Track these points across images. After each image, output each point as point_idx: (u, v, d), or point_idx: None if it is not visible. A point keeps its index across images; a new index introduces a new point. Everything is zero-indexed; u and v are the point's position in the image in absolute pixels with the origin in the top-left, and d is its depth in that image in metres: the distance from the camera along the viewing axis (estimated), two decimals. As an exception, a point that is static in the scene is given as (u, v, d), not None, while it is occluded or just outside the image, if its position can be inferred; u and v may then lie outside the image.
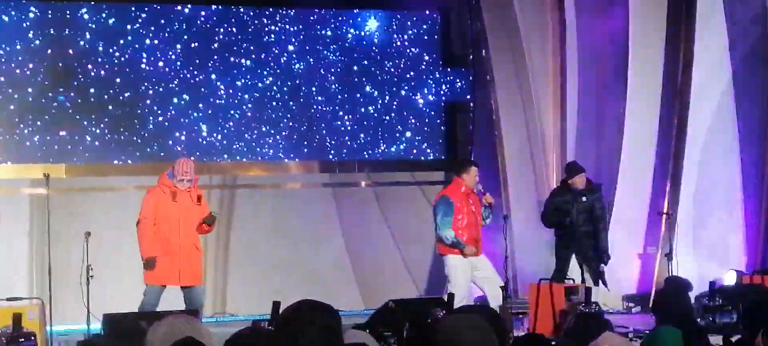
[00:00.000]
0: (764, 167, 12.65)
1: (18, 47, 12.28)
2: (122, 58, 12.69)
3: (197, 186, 10.52)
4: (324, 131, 13.57)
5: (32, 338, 7.74)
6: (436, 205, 11.00)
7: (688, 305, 6.86)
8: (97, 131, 12.61)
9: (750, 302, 6.08)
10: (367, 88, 13.73)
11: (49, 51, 12.40)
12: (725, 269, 12.27)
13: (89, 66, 12.57)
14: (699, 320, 9.87)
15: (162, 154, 12.68)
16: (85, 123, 12.56)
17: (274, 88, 13.35)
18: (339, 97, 13.62)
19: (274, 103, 13.35)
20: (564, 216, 11.42)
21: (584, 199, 11.40)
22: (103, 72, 12.63)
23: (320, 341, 4.72)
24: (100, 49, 12.61)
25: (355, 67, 13.68)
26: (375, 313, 9.06)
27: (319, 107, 13.53)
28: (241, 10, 13.21)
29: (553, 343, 3.47)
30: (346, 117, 13.64)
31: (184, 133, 12.92)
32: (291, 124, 13.42)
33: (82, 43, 12.53)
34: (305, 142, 13.52)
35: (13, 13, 12.28)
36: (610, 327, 6.88)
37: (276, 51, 13.34)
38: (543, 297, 10.13)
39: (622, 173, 12.67)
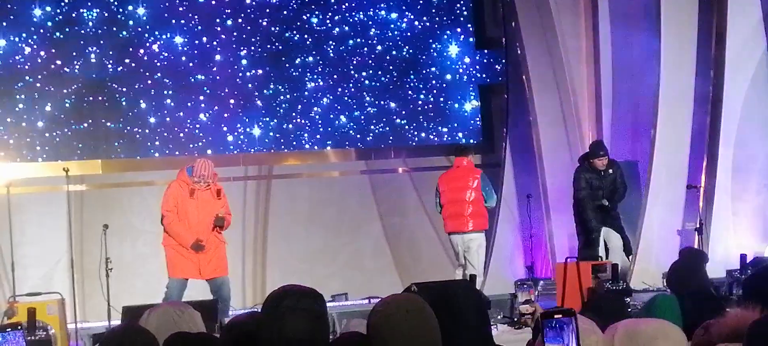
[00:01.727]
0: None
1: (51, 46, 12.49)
2: (154, 53, 12.84)
3: (216, 181, 10.58)
4: (358, 118, 13.59)
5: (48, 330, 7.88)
6: (483, 178, 11.21)
7: (703, 276, 6.77)
8: (130, 128, 12.76)
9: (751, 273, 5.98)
10: (401, 73, 13.72)
11: (82, 47, 12.60)
12: (766, 242, 12.08)
13: (121, 62, 12.73)
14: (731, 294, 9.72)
15: (191, 145, 12.81)
16: (120, 118, 12.73)
17: (315, 73, 13.37)
18: (372, 83, 13.64)
19: (307, 92, 13.41)
20: (597, 194, 11.71)
21: (610, 171, 11.83)
22: (136, 67, 12.78)
23: (308, 327, 4.75)
24: (135, 41, 12.75)
25: (389, 53, 13.68)
26: (397, 297, 9.02)
27: (353, 94, 13.56)
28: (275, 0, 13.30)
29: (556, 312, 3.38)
30: (379, 103, 13.65)
31: (223, 126, 13.04)
32: (324, 112, 13.46)
33: (114, 39, 12.70)
34: (340, 130, 13.55)
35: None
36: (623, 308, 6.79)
37: (310, 38, 13.40)
38: (570, 275, 10.08)
39: (658, 150, 12.48)
